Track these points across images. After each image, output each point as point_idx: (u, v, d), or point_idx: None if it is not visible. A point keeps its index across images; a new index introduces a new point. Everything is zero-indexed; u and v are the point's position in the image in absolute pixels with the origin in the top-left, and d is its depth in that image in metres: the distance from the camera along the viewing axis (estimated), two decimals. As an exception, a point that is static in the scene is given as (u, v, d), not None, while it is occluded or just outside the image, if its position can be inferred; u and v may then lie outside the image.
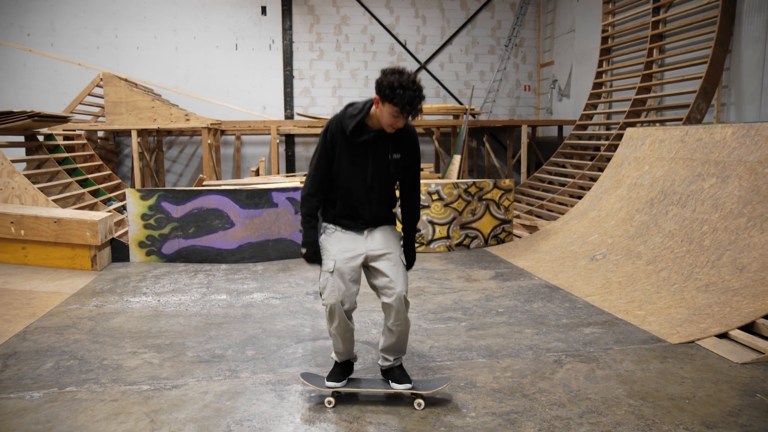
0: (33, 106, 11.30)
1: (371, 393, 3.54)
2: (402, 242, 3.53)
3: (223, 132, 12.50)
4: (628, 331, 4.64)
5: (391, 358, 3.45)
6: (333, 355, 3.51)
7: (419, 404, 3.38)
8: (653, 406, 3.38)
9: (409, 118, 3.19)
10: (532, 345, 4.39)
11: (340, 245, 3.33)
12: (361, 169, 3.29)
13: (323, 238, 3.42)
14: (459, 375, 3.85)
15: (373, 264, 3.33)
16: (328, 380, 3.47)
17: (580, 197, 9.16)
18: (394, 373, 3.47)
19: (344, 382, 3.47)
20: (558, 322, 4.91)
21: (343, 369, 3.50)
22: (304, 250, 3.37)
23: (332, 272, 3.24)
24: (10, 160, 7.48)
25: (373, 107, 3.21)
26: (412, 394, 3.41)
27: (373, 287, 3.38)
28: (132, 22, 12.86)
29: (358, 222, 3.37)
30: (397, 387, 3.41)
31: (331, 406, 3.41)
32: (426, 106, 12.51)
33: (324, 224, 3.44)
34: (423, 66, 14.02)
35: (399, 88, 3.02)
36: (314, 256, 3.36)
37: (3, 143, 7.93)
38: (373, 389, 3.49)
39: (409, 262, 3.53)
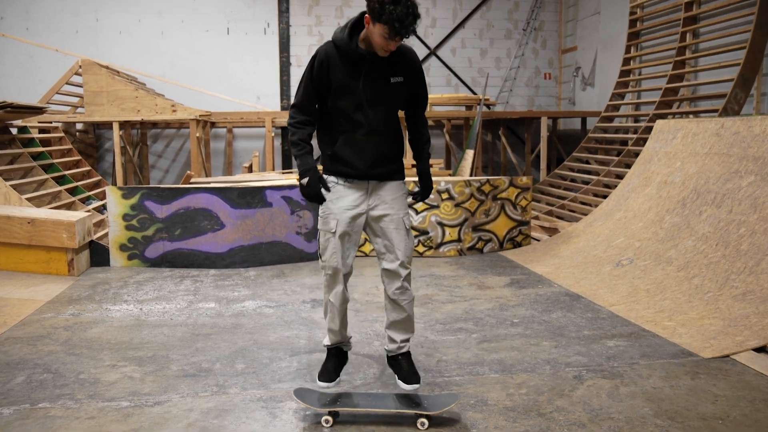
0: (6, 95, 11.36)
1: (372, 413, 3.52)
2: (417, 174, 3.64)
3: (213, 124, 12.55)
4: (656, 344, 4.63)
5: (398, 339, 3.48)
6: (325, 340, 3.57)
7: (422, 423, 3.37)
8: (682, 426, 3.38)
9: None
10: (550, 359, 4.39)
11: (343, 202, 3.35)
12: (359, 93, 3.28)
13: (323, 192, 3.42)
14: (469, 392, 3.85)
15: (373, 224, 3.40)
16: (319, 379, 3.52)
17: (605, 196, 9.15)
18: (401, 366, 3.50)
19: (337, 380, 3.54)
20: (579, 334, 4.91)
21: (335, 361, 3.57)
22: (305, 180, 3.29)
23: (334, 233, 3.31)
24: (-20, 155, 7.55)
25: (365, 30, 3.20)
26: (416, 414, 3.41)
27: (375, 249, 3.49)
28: (113, 3, 12.92)
29: (362, 158, 3.33)
30: (406, 388, 3.45)
31: (328, 425, 3.41)
32: (436, 96, 12.52)
33: (324, 176, 3.42)
34: (433, 52, 14.04)
35: (389, 4, 2.98)
36: (316, 188, 3.31)
37: (-28, 136, 8.00)
38: (374, 409, 3.47)
39: (426, 190, 3.63)
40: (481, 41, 14.30)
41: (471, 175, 10.50)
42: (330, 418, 3.43)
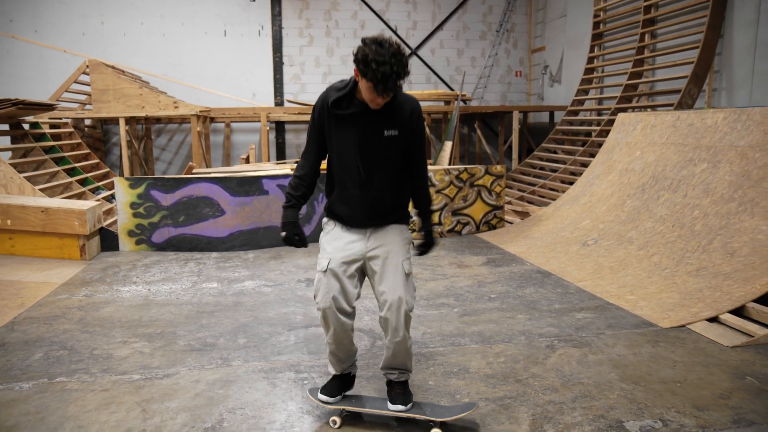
0: (18, 94, 11.14)
1: (376, 414, 3.15)
2: (421, 229, 3.18)
3: (212, 119, 12.40)
4: (620, 316, 4.66)
5: (395, 373, 3.09)
6: (330, 368, 3.18)
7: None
8: (645, 389, 3.41)
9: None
10: (525, 330, 4.41)
11: (337, 243, 2.97)
12: (352, 148, 2.89)
13: (321, 234, 3.09)
14: (452, 361, 3.86)
15: (372, 266, 2.96)
16: (321, 392, 3.12)
17: (571, 183, 9.17)
18: (393, 389, 3.10)
19: (338, 397, 3.13)
20: (550, 308, 4.93)
21: (340, 383, 3.17)
22: (283, 233, 3.03)
23: (325, 272, 2.90)
24: (-5, 149, 7.40)
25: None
26: (430, 422, 3.01)
27: (375, 295, 3.01)
28: (118, 8, 12.68)
29: (355, 213, 2.96)
30: (392, 408, 3.05)
31: (335, 426, 3.06)
32: (417, 92, 12.46)
33: (324, 220, 3.12)
34: (414, 52, 13.95)
35: (373, 62, 2.63)
36: (293, 238, 3.02)
37: (-12, 132, 7.84)
38: (378, 410, 3.12)
39: (428, 246, 3.17)
40: (458, 42, 14.22)
41: (450, 165, 10.48)
42: (338, 419, 3.09)
